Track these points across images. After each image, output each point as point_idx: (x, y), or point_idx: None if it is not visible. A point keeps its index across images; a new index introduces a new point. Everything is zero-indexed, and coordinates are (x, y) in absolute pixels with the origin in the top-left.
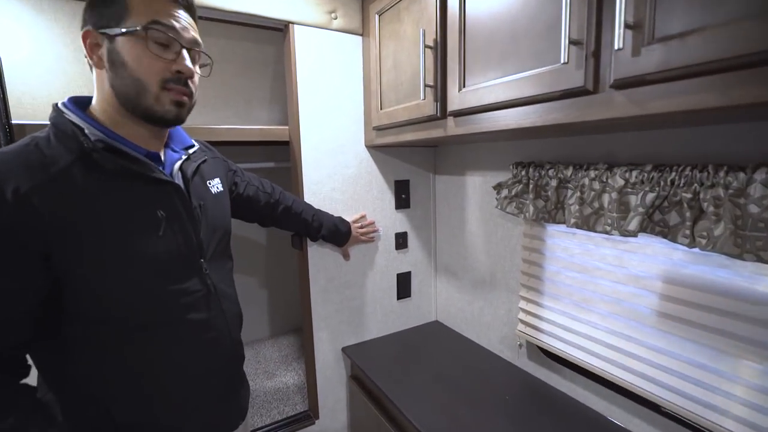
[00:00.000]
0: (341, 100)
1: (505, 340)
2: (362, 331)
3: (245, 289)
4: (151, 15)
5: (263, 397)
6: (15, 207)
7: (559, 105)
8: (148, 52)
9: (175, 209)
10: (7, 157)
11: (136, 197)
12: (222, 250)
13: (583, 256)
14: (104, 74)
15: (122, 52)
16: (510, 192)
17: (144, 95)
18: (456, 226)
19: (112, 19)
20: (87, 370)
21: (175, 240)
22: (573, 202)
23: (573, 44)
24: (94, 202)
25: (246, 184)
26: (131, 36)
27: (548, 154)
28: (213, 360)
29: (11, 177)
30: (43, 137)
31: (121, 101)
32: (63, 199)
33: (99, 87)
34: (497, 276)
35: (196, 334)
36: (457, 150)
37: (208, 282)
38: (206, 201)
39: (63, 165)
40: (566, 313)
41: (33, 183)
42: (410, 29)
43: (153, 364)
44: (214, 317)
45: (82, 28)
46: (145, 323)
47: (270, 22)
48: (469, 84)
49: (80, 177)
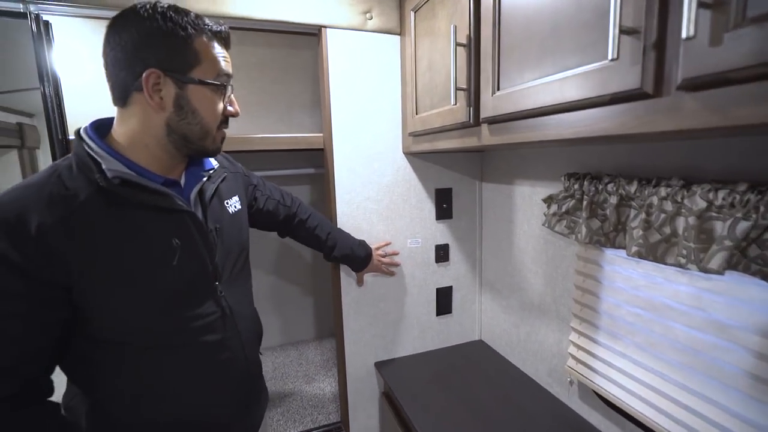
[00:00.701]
0: (377, 104)
1: (555, 373)
2: (397, 347)
3: (290, 290)
4: (217, 64)
5: (299, 401)
6: (38, 243)
7: (609, 112)
8: (219, 102)
9: (190, 237)
10: (31, 192)
11: (152, 228)
12: (240, 270)
13: (650, 290)
14: (161, 114)
15: (193, 99)
16: (560, 208)
17: (206, 138)
18: (503, 239)
19: (183, 64)
20: (106, 382)
21: (190, 267)
22: (636, 225)
23: (625, 34)
24: (111, 236)
25: (266, 199)
26: (205, 86)
27: (609, 163)
28: (226, 379)
29: (35, 212)
30: (65, 166)
31: (173, 139)
32: (82, 234)
33: (143, 121)
34: (546, 300)
35: (209, 355)
36: (505, 156)
37: (224, 304)
38: (223, 223)
39: (83, 198)
40: (627, 356)
41: (54, 218)
42: (444, 25)
43: (166, 381)
44: (229, 338)
45: (144, 68)
46: (159, 345)
47: (302, 28)
48: (503, 86)
49: (98, 210)
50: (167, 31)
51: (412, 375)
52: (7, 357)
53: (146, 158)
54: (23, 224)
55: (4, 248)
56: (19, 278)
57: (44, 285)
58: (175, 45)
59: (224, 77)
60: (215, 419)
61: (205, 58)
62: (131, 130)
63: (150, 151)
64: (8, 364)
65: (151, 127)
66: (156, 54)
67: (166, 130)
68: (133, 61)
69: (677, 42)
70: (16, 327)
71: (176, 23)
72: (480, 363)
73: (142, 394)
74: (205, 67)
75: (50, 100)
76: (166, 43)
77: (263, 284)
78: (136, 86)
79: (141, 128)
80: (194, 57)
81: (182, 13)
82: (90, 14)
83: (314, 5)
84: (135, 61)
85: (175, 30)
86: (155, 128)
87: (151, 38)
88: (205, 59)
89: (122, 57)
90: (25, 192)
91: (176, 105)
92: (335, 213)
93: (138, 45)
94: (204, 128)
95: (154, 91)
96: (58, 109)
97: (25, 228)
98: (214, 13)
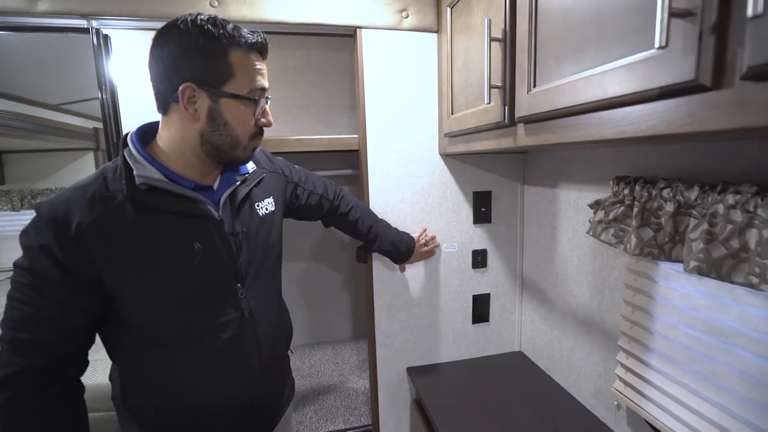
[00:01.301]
0: (413, 105)
1: (600, 395)
2: (430, 354)
3: (327, 289)
4: (251, 78)
5: (332, 401)
6: (76, 240)
7: (657, 108)
8: (251, 115)
9: (212, 241)
10: (79, 192)
11: (175, 232)
12: (267, 272)
13: (714, 312)
14: (195, 124)
15: (225, 112)
16: (607, 215)
17: (236, 148)
18: (545, 247)
19: (217, 78)
20: (131, 365)
21: (210, 270)
22: (697, 237)
23: (677, 16)
24: (137, 237)
25: (309, 194)
26: (237, 99)
27: (665, 165)
28: (237, 379)
29: (77, 211)
30: (111, 169)
31: (206, 148)
32: (113, 233)
33: (180, 130)
34: (592, 315)
35: (222, 354)
36: (550, 157)
37: (243, 306)
38: (250, 227)
39: (119, 200)
40: (684, 384)
41: (92, 218)
42: (480, 21)
43: (179, 374)
44: (245, 340)
45: (181, 81)
46: (175, 340)
47: (338, 30)
48: (540, 83)
49: (130, 212)
50: (202, 46)
51: (445, 383)
52: (43, 335)
53: (181, 164)
54: (67, 222)
55: (49, 243)
56: (59, 270)
57: (79, 277)
58: (209, 59)
59: (258, 91)
60: (225, 414)
61: (239, 72)
62: (170, 137)
63: (185, 157)
64: (44, 340)
65: (187, 136)
66: (192, 68)
67: (200, 139)
68: (172, 74)
69: (742, 22)
70: (53, 310)
71: (212, 37)
72: (518, 376)
73: (159, 381)
74: (239, 81)
75: (107, 107)
76: (201, 58)
77: (301, 280)
78: (174, 98)
79: (178, 136)
80: (228, 70)
81: (220, 25)
82: (145, 26)
83: (349, 6)
84: (173, 74)
85: (211, 44)
86: (190, 137)
87: (187, 53)
88: (239, 72)
89: (162, 70)
90: (75, 192)
91: (209, 117)
92: None
93: (176, 59)
94: (234, 139)
95: (190, 104)
96: (114, 115)
97: (68, 226)
98: (252, 19)
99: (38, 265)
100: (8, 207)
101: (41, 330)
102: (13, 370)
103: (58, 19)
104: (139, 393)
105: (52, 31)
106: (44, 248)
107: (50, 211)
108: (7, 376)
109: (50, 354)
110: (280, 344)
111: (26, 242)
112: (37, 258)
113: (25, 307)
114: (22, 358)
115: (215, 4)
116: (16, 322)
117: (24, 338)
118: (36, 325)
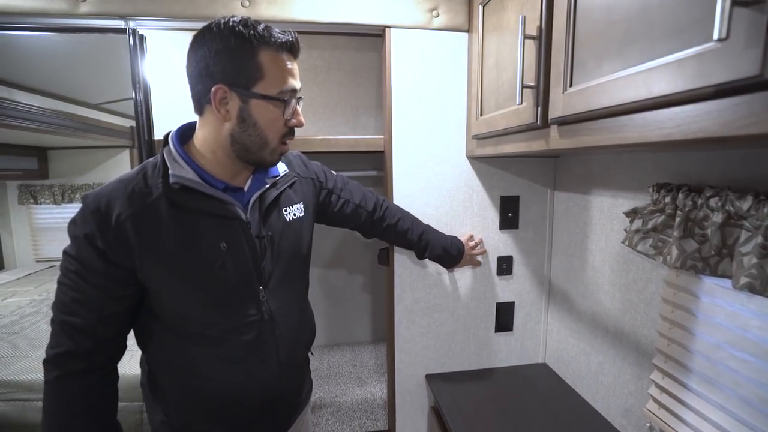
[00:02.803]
0: (441, 106)
1: (630, 414)
2: (450, 361)
3: (348, 291)
4: (281, 79)
5: (349, 404)
6: (115, 231)
7: (710, 108)
8: (280, 116)
9: (238, 242)
10: (121, 186)
11: (204, 231)
12: (291, 277)
13: (766, 333)
14: (226, 125)
15: (254, 113)
16: (645, 224)
17: (264, 149)
18: (576, 255)
19: (247, 79)
20: (156, 352)
21: (234, 271)
22: (749, 251)
23: (741, 5)
24: (168, 233)
25: (344, 203)
26: (267, 100)
27: (713, 172)
28: (253, 378)
29: (118, 204)
30: (152, 165)
31: (235, 148)
32: (148, 227)
33: (213, 130)
34: (624, 329)
35: (243, 353)
36: (583, 161)
37: (264, 308)
38: (276, 231)
39: (155, 196)
40: (728, 411)
41: (130, 211)
42: (513, 18)
43: (198, 367)
44: (264, 341)
45: (214, 83)
46: (197, 334)
47: (366, 29)
48: (577, 82)
49: (164, 208)
50: (234, 48)
51: (465, 393)
52: (88, 319)
53: (213, 164)
54: (109, 214)
55: (93, 233)
56: (100, 258)
57: (117, 266)
58: (240, 61)
59: (288, 92)
60: (243, 408)
61: (269, 72)
62: (204, 137)
63: (217, 157)
64: (88, 324)
65: (219, 136)
66: (224, 70)
67: (231, 139)
68: (206, 76)
69: None
70: (96, 296)
71: (243, 37)
72: (542, 389)
73: (184, 371)
74: (269, 81)
75: (141, 105)
76: (233, 60)
77: (322, 281)
78: (207, 99)
79: (211, 136)
80: (258, 71)
81: (251, 26)
82: (179, 26)
83: (378, 5)
84: (207, 76)
85: (241, 45)
86: (222, 137)
87: (219, 55)
88: (269, 73)
89: (197, 72)
90: (117, 185)
91: (239, 117)
92: None
93: (209, 61)
94: (263, 140)
95: (221, 105)
96: (147, 114)
97: (110, 217)
98: (282, 19)
99: (83, 253)
100: (50, 201)
101: (86, 314)
102: (62, 351)
103: (98, 20)
104: (165, 380)
105: (92, 32)
106: (88, 237)
107: (95, 202)
108: (57, 355)
109: (94, 337)
110: (300, 347)
111: (73, 231)
112: (83, 246)
113: (72, 292)
114: (70, 340)
115: (246, 4)
116: (65, 306)
117: (72, 321)
118: (82, 309)
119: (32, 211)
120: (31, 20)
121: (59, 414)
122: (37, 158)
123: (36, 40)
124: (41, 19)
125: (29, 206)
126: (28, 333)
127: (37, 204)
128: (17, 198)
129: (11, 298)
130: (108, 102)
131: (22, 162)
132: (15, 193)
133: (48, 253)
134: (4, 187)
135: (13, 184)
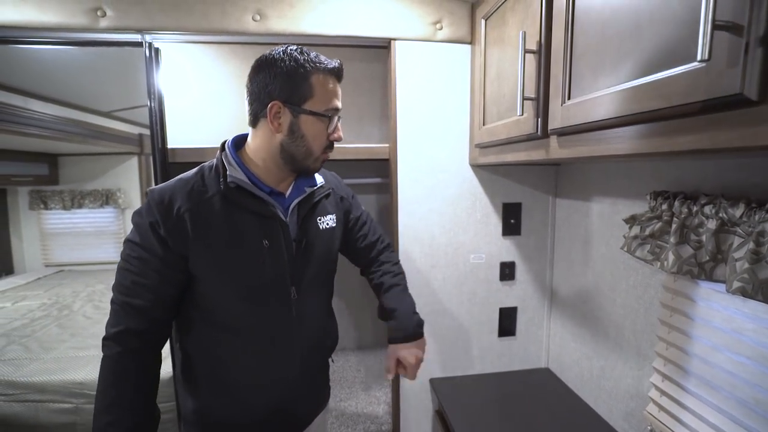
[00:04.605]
0: (445, 115)
1: (632, 418)
2: (453, 365)
3: (352, 296)
4: (327, 98)
5: (354, 408)
6: (176, 221)
7: (697, 123)
8: (324, 130)
9: (278, 242)
10: (182, 183)
11: (250, 228)
12: (319, 282)
13: (760, 336)
14: (278, 136)
15: (303, 126)
16: (642, 230)
17: (309, 158)
18: (577, 261)
19: (299, 97)
20: (190, 337)
21: (272, 269)
22: (741, 257)
23: (721, 29)
24: (219, 226)
25: (362, 238)
26: (315, 116)
27: (708, 180)
28: (274, 376)
29: (179, 198)
30: (208, 167)
31: (283, 156)
32: (203, 221)
33: (265, 140)
34: (625, 333)
35: (269, 348)
36: (584, 169)
37: (293, 310)
38: (310, 237)
39: (210, 194)
40: (725, 412)
41: (189, 205)
42: (514, 32)
43: (236, 355)
44: (289, 342)
45: (270, 99)
46: (230, 325)
47: (372, 42)
48: (575, 95)
49: (218, 205)
50: (290, 70)
51: (468, 397)
52: (146, 299)
53: (262, 170)
54: (171, 206)
55: (156, 221)
56: (161, 244)
57: (174, 252)
58: (294, 81)
59: (332, 110)
60: (263, 401)
61: (318, 92)
62: (256, 146)
63: (266, 164)
64: (146, 305)
65: (270, 145)
66: (280, 89)
67: (280, 149)
68: (264, 95)
69: None
70: (154, 279)
71: (298, 63)
72: (544, 394)
73: (214, 356)
74: (317, 100)
75: (155, 114)
76: (288, 80)
77: None
78: (263, 114)
79: (263, 146)
80: (309, 91)
81: (305, 53)
82: (194, 40)
83: (384, 19)
84: (265, 95)
85: (297, 69)
86: (272, 147)
87: (277, 77)
88: (318, 93)
89: (257, 91)
90: (179, 183)
91: (290, 130)
92: (397, 223)
93: (268, 82)
94: (309, 150)
95: (275, 118)
96: (160, 122)
97: (172, 209)
98: (292, 32)
99: (146, 239)
100: (60, 206)
101: (145, 295)
102: (122, 329)
103: (116, 35)
104: (198, 368)
105: (110, 45)
106: (152, 225)
107: (159, 195)
108: (118, 333)
109: (149, 318)
110: (323, 350)
111: (138, 220)
112: (146, 233)
113: (133, 276)
114: (129, 319)
115: (257, 18)
116: (126, 288)
117: (132, 302)
118: (142, 291)
119: (42, 216)
120: (53, 35)
121: (114, 385)
122: (48, 164)
123: (54, 52)
124: (62, 33)
125: (39, 211)
126: (39, 336)
127: (47, 209)
128: (28, 203)
129: (22, 302)
130: (120, 110)
131: (34, 168)
132: (26, 198)
133: (57, 258)
134: (16, 193)
135: (24, 189)
